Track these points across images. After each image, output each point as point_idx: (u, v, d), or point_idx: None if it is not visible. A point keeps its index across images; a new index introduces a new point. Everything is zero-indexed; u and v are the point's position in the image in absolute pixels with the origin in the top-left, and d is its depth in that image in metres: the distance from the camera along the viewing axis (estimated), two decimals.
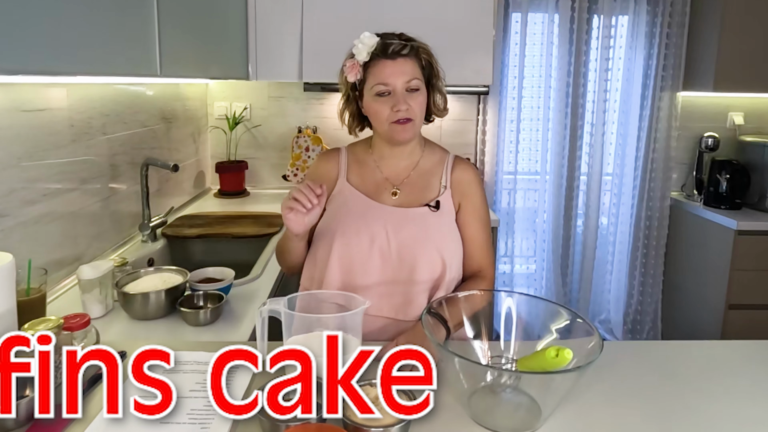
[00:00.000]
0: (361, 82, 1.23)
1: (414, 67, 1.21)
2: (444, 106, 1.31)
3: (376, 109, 1.20)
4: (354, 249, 1.21)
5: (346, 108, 1.29)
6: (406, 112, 1.19)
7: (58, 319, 0.97)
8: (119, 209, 1.81)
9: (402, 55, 1.20)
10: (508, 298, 1.04)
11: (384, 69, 1.19)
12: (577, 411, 0.90)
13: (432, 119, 1.32)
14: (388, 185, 1.28)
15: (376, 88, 1.19)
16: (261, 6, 2.28)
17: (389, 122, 1.20)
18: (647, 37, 2.87)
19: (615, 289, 3.14)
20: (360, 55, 1.20)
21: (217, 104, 2.80)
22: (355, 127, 1.32)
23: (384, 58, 1.19)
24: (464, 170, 1.30)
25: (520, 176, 3.00)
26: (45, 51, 0.97)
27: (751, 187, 2.76)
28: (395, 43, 1.20)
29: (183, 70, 1.64)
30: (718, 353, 1.13)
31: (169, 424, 0.82)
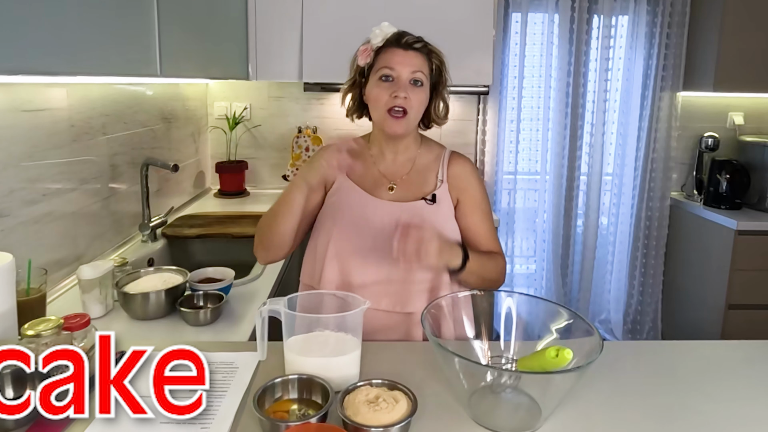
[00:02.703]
0: (370, 67, 1.24)
1: (423, 63, 1.23)
2: (445, 115, 1.31)
3: (377, 93, 1.21)
4: (352, 244, 1.21)
5: (349, 91, 1.30)
6: (404, 101, 1.19)
7: (58, 319, 0.97)
8: (119, 209, 1.81)
9: (414, 48, 1.22)
10: (508, 298, 1.03)
11: (394, 56, 1.21)
12: (577, 411, 0.90)
13: (430, 126, 1.33)
14: (384, 180, 1.29)
15: (381, 71, 1.21)
16: (261, 6, 2.28)
17: (386, 109, 1.21)
18: (647, 37, 2.87)
19: (615, 289, 3.14)
20: (375, 40, 1.23)
21: (217, 104, 2.80)
22: (354, 113, 1.32)
23: (396, 46, 1.22)
24: (461, 164, 1.31)
25: (520, 176, 3.00)
26: (45, 51, 0.97)
27: (751, 187, 2.76)
28: (410, 35, 1.24)
29: (183, 70, 1.64)
30: (718, 353, 1.13)
31: (169, 423, 0.82)
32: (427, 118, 1.30)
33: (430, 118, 1.31)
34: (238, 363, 1.01)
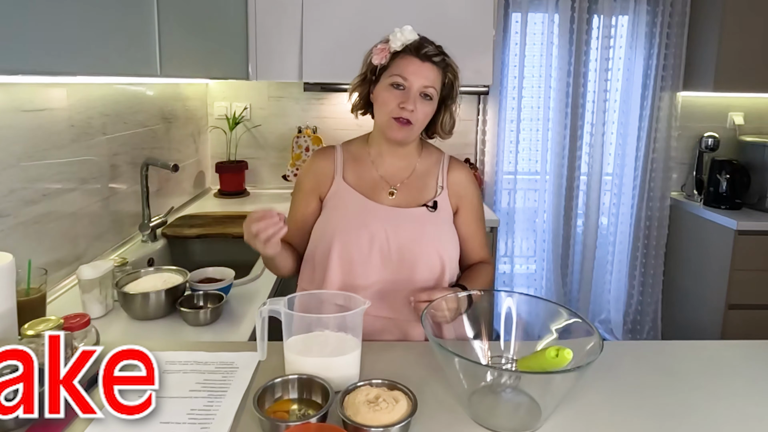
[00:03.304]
0: (383, 68, 1.23)
1: (437, 77, 1.22)
2: (450, 130, 1.31)
3: (385, 98, 1.21)
4: (354, 249, 1.20)
5: (358, 87, 1.29)
6: (410, 113, 1.19)
7: (58, 319, 0.97)
8: (119, 209, 1.81)
9: (432, 61, 1.21)
10: (508, 298, 1.04)
11: (410, 65, 1.20)
12: (577, 411, 0.90)
13: (434, 137, 1.33)
14: (384, 185, 1.28)
15: (393, 78, 1.20)
16: (261, 6, 2.28)
17: (391, 116, 1.20)
18: (647, 37, 2.87)
19: (615, 289, 3.14)
20: (394, 43, 1.21)
21: (217, 104, 2.80)
22: (359, 109, 1.32)
23: (414, 55, 1.20)
24: (460, 171, 1.31)
25: (520, 176, 3.00)
26: (45, 51, 0.97)
27: (751, 187, 2.76)
28: (431, 47, 1.22)
29: (183, 70, 1.64)
30: (718, 353, 1.13)
31: (169, 424, 0.82)
32: (431, 130, 1.30)
33: (435, 130, 1.30)
34: (238, 363, 1.01)
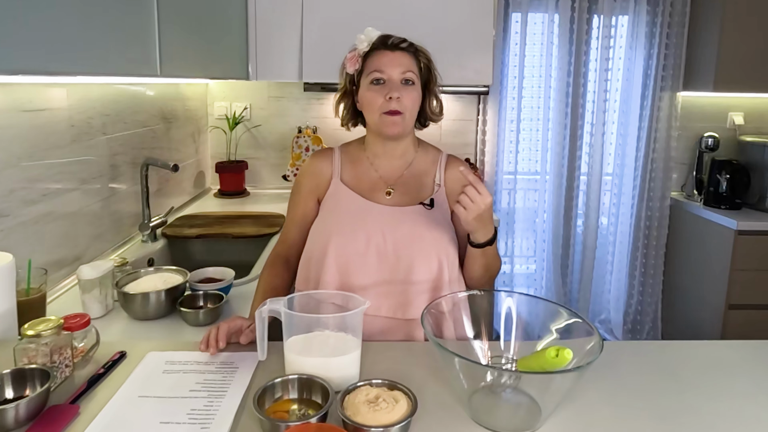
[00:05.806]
0: (359, 73, 1.25)
1: (411, 62, 1.24)
2: (440, 111, 1.33)
3: (370, 98, 1.22)
4: (350, 249, 1.20)
5: (342, 100, 1.31)
6: (398, 102, 1.20)
7: (58, 319, 0.97)
8: (119, 209, 1.81)
9: (400, 48, 1.23)
10: (508, 298, 1.03)
11: (382, 58, 1.22)
12: (577, 411, 0.90)
13: (427, 124, 1.33)
14: (382, 184, 1.28)
15: (372, 75, 1.22)
16: (261, 6, 2.28)
17: (381, 112, 1.21)
18: (647, 37, 2.87)
19: (615, 289, 3.14)
20: (361, 45, 1.24)
21: (217, 104, 2.80)
22: (348, 121, 1.33)
23: (384, 48, 1.23)
24: (458, 168, 1.30)
25: (520, 176, 3.00)
26: (45, 51, 0.97)
27: (751, 187, 2.76)
28: (396, 37, 1.24)
29: (183, 70, 1.64)
30: (718, 353, 1.13)
31: (169, 424, 0.82)
32: (423, 117, 1.31)
33: (426, 116, 1.31)
34: (238, 363, 1.01)
